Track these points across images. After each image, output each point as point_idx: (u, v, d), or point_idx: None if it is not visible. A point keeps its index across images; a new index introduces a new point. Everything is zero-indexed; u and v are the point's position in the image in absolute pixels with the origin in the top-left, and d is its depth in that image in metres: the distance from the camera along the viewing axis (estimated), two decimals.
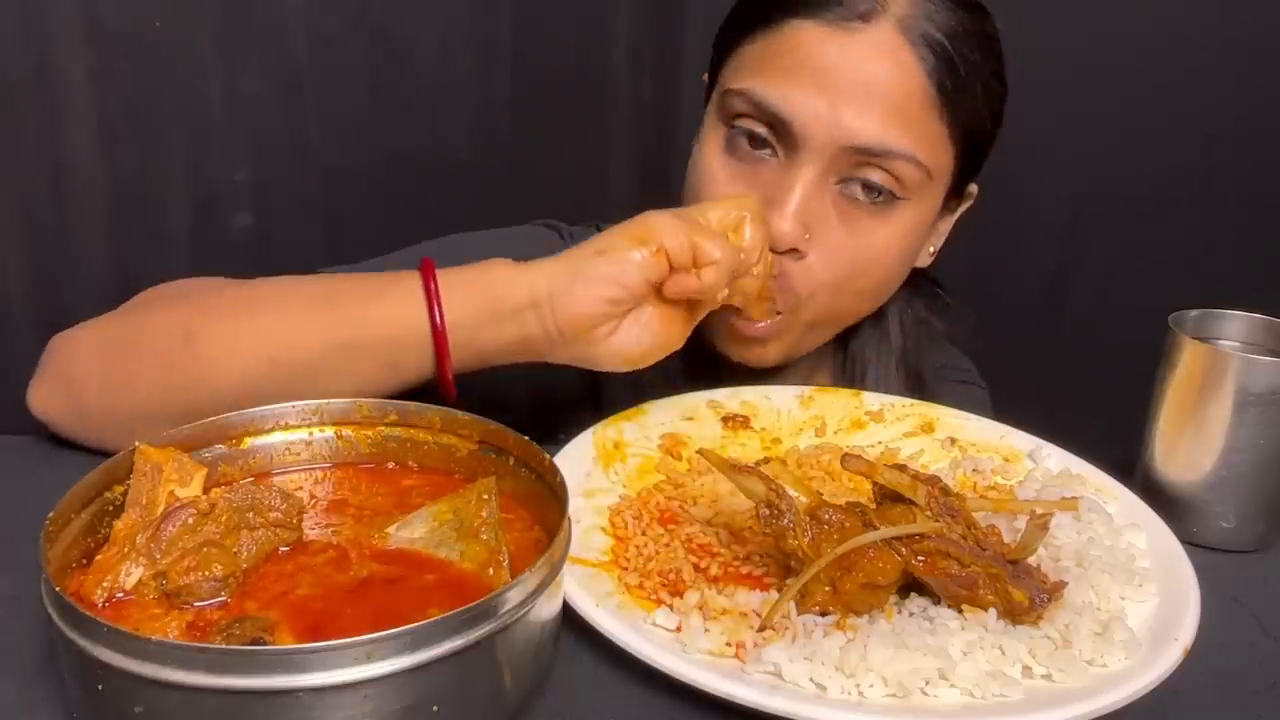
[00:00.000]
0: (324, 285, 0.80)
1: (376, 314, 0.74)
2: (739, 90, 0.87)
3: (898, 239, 0.90)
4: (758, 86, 0.86)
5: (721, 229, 0.78)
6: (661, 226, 0.74)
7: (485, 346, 0.75)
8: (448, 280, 0.74)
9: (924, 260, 0.99)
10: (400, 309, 0.73)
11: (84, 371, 0.78)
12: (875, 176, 0.86)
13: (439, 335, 0.73)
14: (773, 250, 0.84)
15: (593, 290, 0.73)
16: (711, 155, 0.90)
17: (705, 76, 0.99)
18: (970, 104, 0.88)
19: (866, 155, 0.85)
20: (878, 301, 0.97)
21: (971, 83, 0.87)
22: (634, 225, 0.75)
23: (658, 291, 0.76)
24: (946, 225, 0.99)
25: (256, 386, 0.72)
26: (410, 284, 0.74)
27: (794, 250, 0.87)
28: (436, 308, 0.73)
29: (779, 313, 0.90)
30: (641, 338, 0.77)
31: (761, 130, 0.87)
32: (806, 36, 0.85)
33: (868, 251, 0.90)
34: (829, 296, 0.91)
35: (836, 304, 0.93)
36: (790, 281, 0.89)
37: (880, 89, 0.84)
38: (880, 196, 0.87)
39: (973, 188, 0.98)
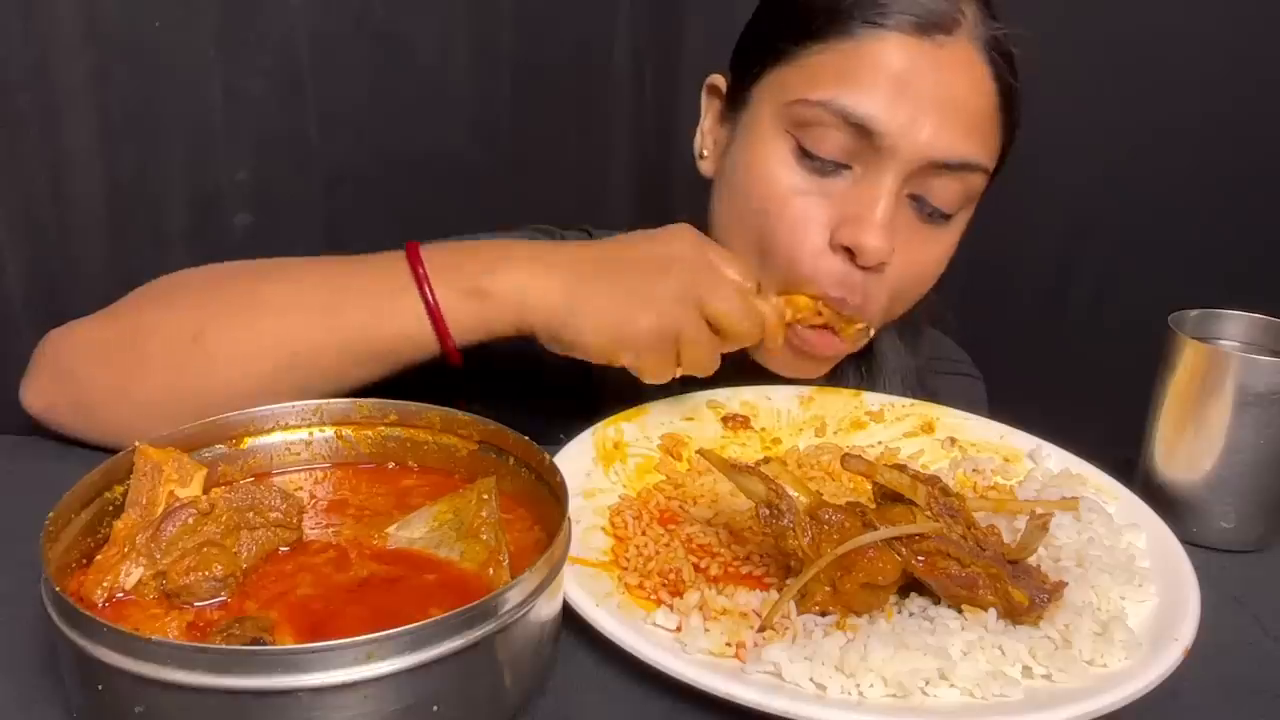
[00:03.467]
0: (327, 286, 0.81)
1: (384, 321, 0.78)
2: (819, 101, 0.84)
3: (954, 242, 0.92)
4: (842, 96, 0.83)
5: None
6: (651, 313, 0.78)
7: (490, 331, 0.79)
8: (446, 287, 0.78)
9: None
10: (406, 317, 0.77)
11: (86, 367, 0.78)
12: (947, 188, 0.86)
13: (444, 339, 0.77)
14: (862, 266, 0.84)
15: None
16: (779, 167, 0.87)
17: (717, 78, 0.97)
18: (1018, 101, 0.89)
19: (944, 169, 0.85)
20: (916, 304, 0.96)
21: (1017, 81, 0.87)
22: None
23: None
24: None
25: (268, 386, 0.74)
26: (410, 290, 0.78)
27: (881, 266, 0.85)
28: (428, 290, 0.77)
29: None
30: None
31: (841, 141, 0.84)
32: (890, 47, 0.83)
33: (935, 259, 0.91)
34: (899, 303, 0.91)
35: (900, 309, 0.93)
36: (871, 293, 0.87)
37: (963, 103, 0.84)
38: (946, 214, 0.88)
39: None
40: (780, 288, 0.87)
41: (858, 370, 1.00)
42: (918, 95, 0.82)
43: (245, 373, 0.74)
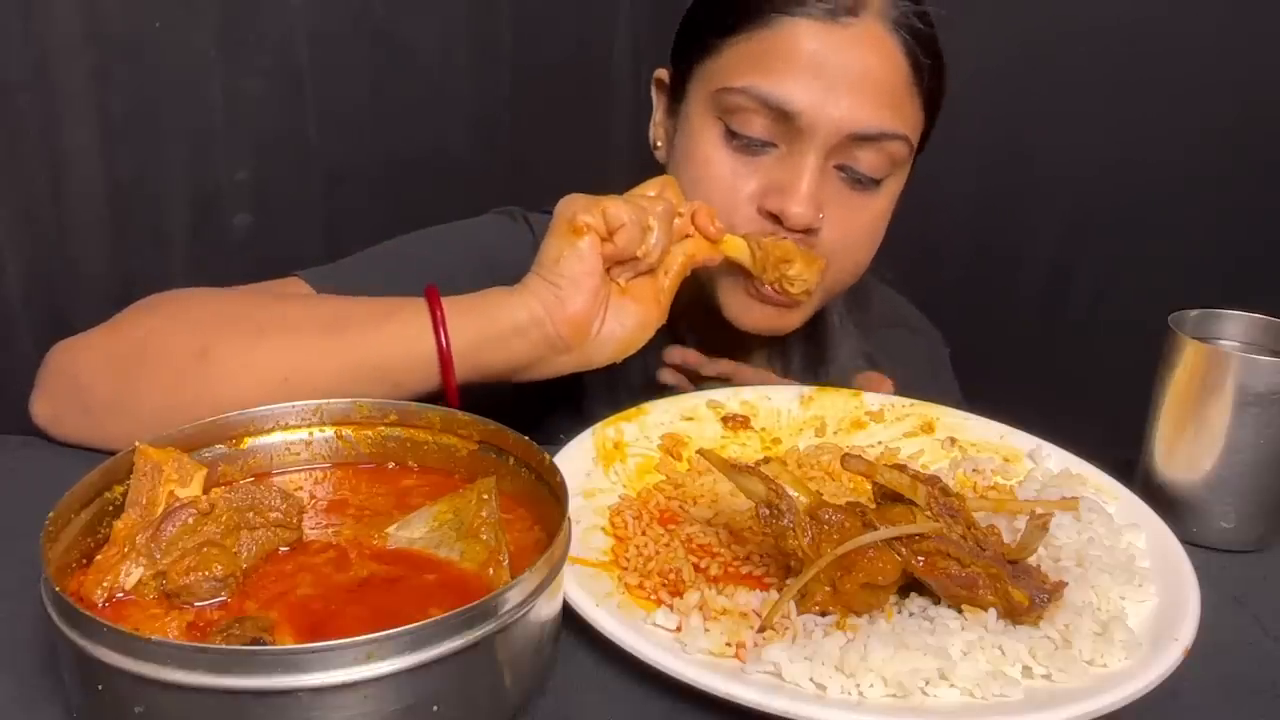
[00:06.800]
0: (333, 310, 0.83)
1: (385, 340, 0.79)
2: (741, 88, 0.91)
3: (888, 207, 0.98)
4: (761, 82, 0.90)
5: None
6: (574, 209, 0.82)
7: (490, 363, 0.81)
8: (451, 306, 0.80)
9: None
10: (407, 334, 0.79)
11: (92, 376, 0.79)
12: (870, 157, 0.92)
13: (444, 357, 0.79)
14: (791, 230, 0.92)
15: (575, 290, 0.81)
16: (711, 149, 0.94)
17: (662, 73, 1.03)
18: (933, 71, 0.94)
19: (864, 140, 0.91)
20: (864, 269, 1.02)
21: (932, 52, 0.93)
22: (558, 222, 0.83)
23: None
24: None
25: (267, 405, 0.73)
26: (415, 310, 0.79)
27: (810, 230, 0.92)
28: (442, 332, 0.78)
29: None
30: (625, 321, 0.84)
31: (764, 122, 0.91)
32: (801, 32, 0.90)
33: (869, 222, 0.97)
34: (841, 265, 0.98)
35: (848, 271, 0.99)
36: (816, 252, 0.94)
37: (873, 78, 0.90)
38: (875, 180, 0.94)
39: None
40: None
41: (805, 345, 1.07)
42: (830, 75, 0.89)
43: (242, 390, 0.74)
